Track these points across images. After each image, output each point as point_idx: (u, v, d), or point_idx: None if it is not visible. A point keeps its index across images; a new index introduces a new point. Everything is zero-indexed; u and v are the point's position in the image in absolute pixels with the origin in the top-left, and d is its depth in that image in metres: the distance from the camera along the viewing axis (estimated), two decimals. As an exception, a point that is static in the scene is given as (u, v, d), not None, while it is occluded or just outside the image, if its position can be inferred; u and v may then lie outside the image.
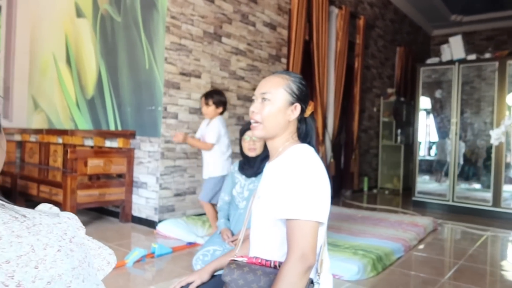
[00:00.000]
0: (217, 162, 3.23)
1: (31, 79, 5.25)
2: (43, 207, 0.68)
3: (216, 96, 3.21)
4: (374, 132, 7.28)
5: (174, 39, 3.68)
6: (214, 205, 3.21)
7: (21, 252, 0.52)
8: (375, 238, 3.24)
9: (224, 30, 4.16)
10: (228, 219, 2.57)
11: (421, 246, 3.41)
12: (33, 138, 5.09)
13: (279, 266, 1.11)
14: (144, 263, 2.67)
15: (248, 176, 2.52)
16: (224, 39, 4.16)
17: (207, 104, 3.19)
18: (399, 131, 7.35)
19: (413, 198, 5.60)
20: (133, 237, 3.36)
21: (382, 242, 3.12)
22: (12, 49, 5.19)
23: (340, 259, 2.61)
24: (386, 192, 7.04)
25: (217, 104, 3.20)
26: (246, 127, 2.50)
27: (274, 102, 1.21)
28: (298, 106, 1.23)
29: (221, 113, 3.27)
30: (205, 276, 1.33)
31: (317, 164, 1.15)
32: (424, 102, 5.89)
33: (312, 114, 1.30)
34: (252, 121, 1.24)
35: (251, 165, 2.51)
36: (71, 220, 0.63)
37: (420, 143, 5.81)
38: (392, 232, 3.48)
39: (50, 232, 0.57)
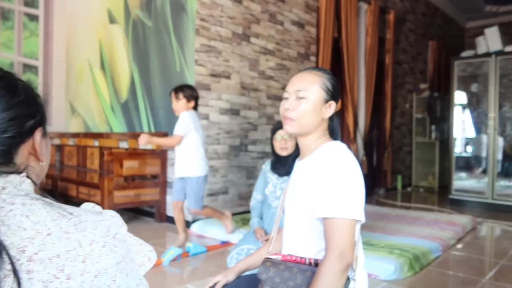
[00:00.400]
0: (192, 160, 2.95)
1: (68, 85, 5.45)
2: (87, 205, 0.71)
3: (187, 90, 2.98)
4: (407, 129, 7.11)
5: (203, 41, 3.73)
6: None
7: (69, 247, 0.55)
8: (411, 237, 3.17)
9: (253, 30, 4.18)
10: (261, 218, 2.58)
11: (459, 246, 3.30)
12: (71, 141, 5.29)
13: (314, 263, 1.11)
14: (180, 262, 2.72)
15: (281, 175, 2.52)
16: (252, 39, 4.18)
17: (177, 98, 2.97)
18: (433, 127, 7.14)
19: (450, 196, 5.43)
20: (168, 237, 3.43)
21: (418, 241, 3.05)
22: (49, 56, 5.41)
23: (376, 258, 2.57)
24: (421, 190, 6.85)
25: (188, 98, 2.97)
26: (277, 126, 2.50)
27: (310, 100, 1.20)
28: (333, 104, 1.23)
29: (194, 109, 3.03)
30: (230, 276, 1.34)
31: (353, 162, 1.14)
32: (460, 96, 5.69)
33: (338, 111, 1.29)
34: (285, 118, 1.24)
35: (283, 164, 2.51)
36: (113, 218, 0.65)
37: (455, 139, 5.62)
38: (428, 231, 3.39)
39: (95, 228, 0.60)
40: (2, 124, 0.60)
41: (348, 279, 1.07)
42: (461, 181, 5.53)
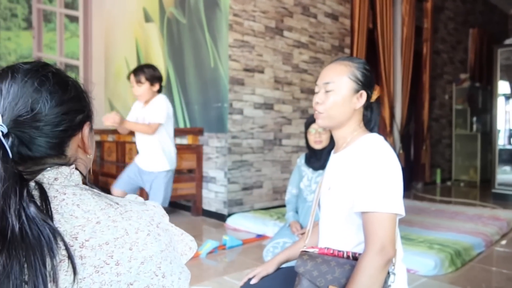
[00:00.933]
0: (167, 152, 2.62)
1: (107, 83, 5.64)
2: (130, 196, 0.74)
3: (147, 71, 2.57)
4: (447, 120, 6.87)
5: (237, 36, 3.75)
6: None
7: (117, 235, 0.58)
8: (452, 232, 3.07)
9: (286, 24, 4.16)
10: (297, 212, 2.58)
11: (504, 242, 3.17)
12: (110, 138, 5.48)
13: (353, 256, 1.10)
14: (216, 255, 2.77)
15: (315, 169, 2.51)
16: (285, 33, 4.16)
17: (139, 82, 2.55)
18: (474, 119, 6.85)
19: (493, 191, 5.20)
20: (205, 230, 3.50)
21: (460, 236, 2.95)
22: (89, 56, 5.61)
23: (415, 253, 2.51)
24: (462, 184, 6.61)
25: (151, 81, 2.57)
26: (311, 119, 2.49)
27: (338, 92, 1.18)
28: (364, 94, 1.19)
29: (159, 92, 2.65)
30: (270, 268, 1.35)
31: (391, 155, 1.12)
32: (503, 86, 5.43)
33: (378, 99, 1.26)
34: (316, 112, 1.23)
35: (318, 158, 2.49)
36: (156, 208, 0.68)
37: (499, 131, 5.37)
38: (470, 226, 3.28)
39: (140, 218, 0.63)
40: (55, 118, 0.63)
41: (388, 273, 1.06)
42: (505, 175, 5.28)
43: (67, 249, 0.54)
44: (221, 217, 3.73)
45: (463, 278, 2.37)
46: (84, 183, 0.67)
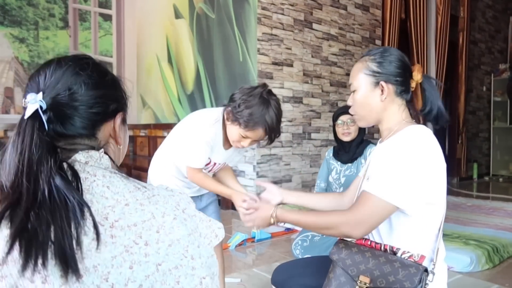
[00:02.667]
0: None
1: (139, 79, 5.77)
2: (160, 186, 0.75)
3: None
4: (484, 113, 6.59)
5: (265, 29, 3.74)
6: None
7: (144, 217, 0.60)
8: (489, 228, 2.96)
9: (315, 16, 4.11)
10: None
11: (546, 238, 3.01)
12: (142, 133, 5.61)
13: (390, 249, 1.07)
14: (245, 247, 2.79)
15: (344, 162, 2.47)
16: (315, 25, 4.11)
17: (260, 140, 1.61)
18: (514, 111, 6.54)
19: (535, 186, 4.97)
20: (234, 223, 3.53)
21: (498, 232, 2.84)
22: (122, 54, 5.75)
23: (450, 249, 2.41)
24: (501, 179, 6.34)
25: None
26: (339, 111, 2.45)
27: (359, 91, 1.17)
28: (384, 84, 1.13)
29: None
30: (276, 193, 1.41)
31: (423, 148, 1.05)
32: (547, 76, 5.16)
33: (429, 78, 1.18)
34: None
35: (346, 151, 2.45)
36: (182, 195, 0.69)
37: (542, 123, 5.11)
38: (509, 222, 3.14)
39: (166, 202, 0.64)
40: (89, 100, 0.67)
41: (426, 271, 1.02)
42: (549, 169, 5.02)
43: (95, 226, 0.56)
44: (250, 211, 3.75)
45: (500, 275, 2.28)
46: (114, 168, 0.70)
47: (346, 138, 2.39)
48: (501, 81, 6.56)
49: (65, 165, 0.61)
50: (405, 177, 1.02)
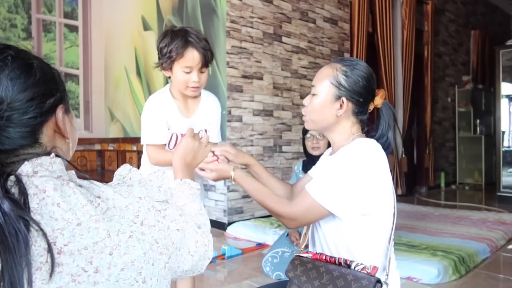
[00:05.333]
0: None
1: (107, 92, 5.64)
2: (123, 169, 0.70)
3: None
4: (450, 123, 6.80)
5: (234, 42, 3.73)
6: None
7: (97, 238, 0.54)
8: (455, 238, 3.01)
9: (284, 30, 4.13)
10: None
11: (510, 246, 3.10)
12: (111, 147, 5.46)
13: (344, 262, 1.07)
14: (215, 264, 2.73)
15: (314, 176, 2.46)
16: (284, 39, 4.14)
17: (205, 66, 1.53)
18: (478, 121, 6.78)
19: (498, 194, 5.13)
20: (205, 239, 3.46)
21: (464, 242, 2.89)
22: (89, 65, 5.61)
23: (418, 261, 2.45)
24: (467, 187, 6.53)
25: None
26: (309, 126, 2.45)
27: (320, 96, 1.15)
28: (345, 101, 1.12)
29: None
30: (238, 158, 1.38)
31: (368, 160, 1.06)
32: (506, 88, 5.37)
33: (388, 104, 1.18)
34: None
35: (316, 164, 2.45)
36: (142, 200, 0.62)
37: (503, 132, 5.30)
38: (475, 231, 3.21)
39: (122, 217, 0.58)
40: (21, 105, 0.59)
41: (379, 282, 1.03)
42: (510, 177, 5.21)
43: (51, 254, 0.50)
44: (222, 226, 3.69)
45: (468, 286, 2.31)
46: (69, 168, 0.64)
47: (315, 152, 2.39)
48: (464, 92, 6.80)
49: (12, 178, 0.54)
50: (343, 185, 1.04)
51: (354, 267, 1.04)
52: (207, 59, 1.49)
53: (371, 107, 1.17)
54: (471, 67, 7.23)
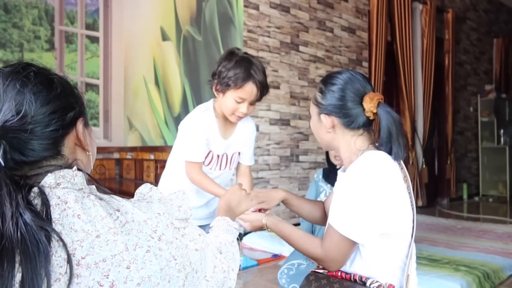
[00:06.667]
0: None
1: (126, 101, 5.72)
2: (144, 188, 0.70)
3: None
4: (472, 133, 6.63)
5: (251, 52, 3.73)
6: None
7: (115, 251, 0.54)
8: (479, 253, 2.90)
9: (301, 39, 4.12)
10: (312, 231, 2.48)
11: (538, 262, 2.96)
12: (129, 155, 5.52)
13: (359, 279, 1.04)
14: (231, 276, 2.69)
15: (334, 185, 2.42)
16: (301, 48, 4.12)
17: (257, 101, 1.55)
18: (502, 131, 6.60)
19: (524, 206, 4.95)
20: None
21: (488, 257, 2.78)
22: (109, 75, 5.71)
23: (439, 276, 2.36)
24: (490, 199, 6.33)
25: None
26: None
27: (311, 118, 1.20)
28: (325, 117, 1.11)
29: None
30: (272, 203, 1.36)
31: (375, 176, 1.01)
32: (532, 97, 5.21)
33: (386, 106, 1.08)
34: None
35: (337, 173, 2.41)
36: (161, 216, 0.63)
37: (529, 143, 5.13)
38: (500, 246, 3.09)
39: (140, 231, 0.58)
40: (44, 118, 0.61)
41: None
42: (537, 190, 5.03)
43: (70, 266, 0.51)
44: (238, 236, 3.65)
45: (493, 303, 2.21)
46: (90, 181, 0.65)
47: (337, 162, 2.35)
48: (487, 102, 6.63)
49: (35, 190, 0.56)
50: (359, 210, 1.00)
51: (370, 285, 1.01)
52: (262, 95, 1.51)
53: (367, 114, 1.08)
54: (494, 76, 7.06)
